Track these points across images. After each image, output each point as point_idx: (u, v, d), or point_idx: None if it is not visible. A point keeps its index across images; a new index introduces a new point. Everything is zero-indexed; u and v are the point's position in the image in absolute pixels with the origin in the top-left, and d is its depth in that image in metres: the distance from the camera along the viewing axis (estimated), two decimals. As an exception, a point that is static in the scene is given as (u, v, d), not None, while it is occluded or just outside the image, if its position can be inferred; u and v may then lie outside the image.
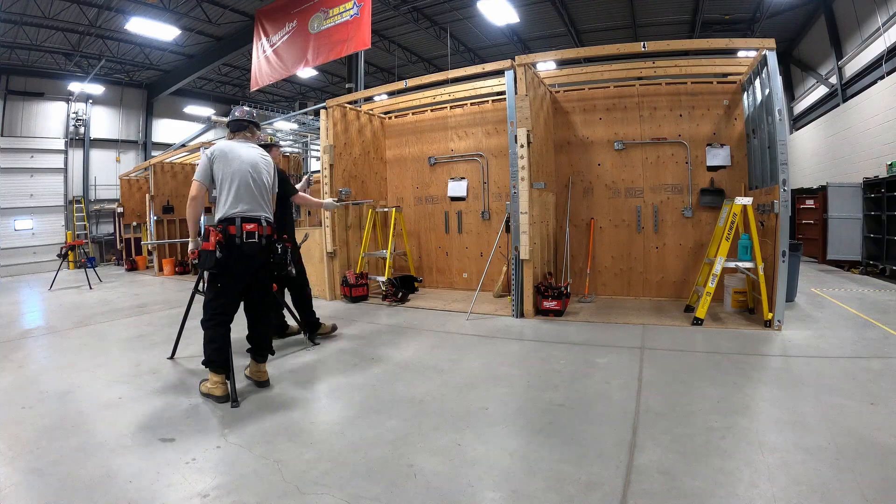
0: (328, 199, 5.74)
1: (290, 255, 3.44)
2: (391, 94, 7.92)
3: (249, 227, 3.18)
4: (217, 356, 3.19)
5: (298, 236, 5.22)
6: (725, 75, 5.90)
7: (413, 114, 7.60)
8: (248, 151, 3.36)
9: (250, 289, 3.37)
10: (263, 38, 10.83)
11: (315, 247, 7.01)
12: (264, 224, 3.28)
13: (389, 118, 7.85)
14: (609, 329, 4.77)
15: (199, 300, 3.95)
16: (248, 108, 3.53)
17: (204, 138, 16.15)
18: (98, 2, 10.91)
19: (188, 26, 12.37)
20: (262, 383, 3.43)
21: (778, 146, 4.36)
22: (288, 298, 4.80)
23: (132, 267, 12.23)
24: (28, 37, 11.84)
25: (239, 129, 3.48)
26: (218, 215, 3.22)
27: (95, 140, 15.29)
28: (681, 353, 3.95)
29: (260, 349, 3.46)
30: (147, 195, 11.52)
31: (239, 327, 3.40)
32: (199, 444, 2.57)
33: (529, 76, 5.26)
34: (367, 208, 7.14)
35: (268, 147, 4.16)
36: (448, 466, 2.29)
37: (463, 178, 7.15)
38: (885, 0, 8.92)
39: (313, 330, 4.71)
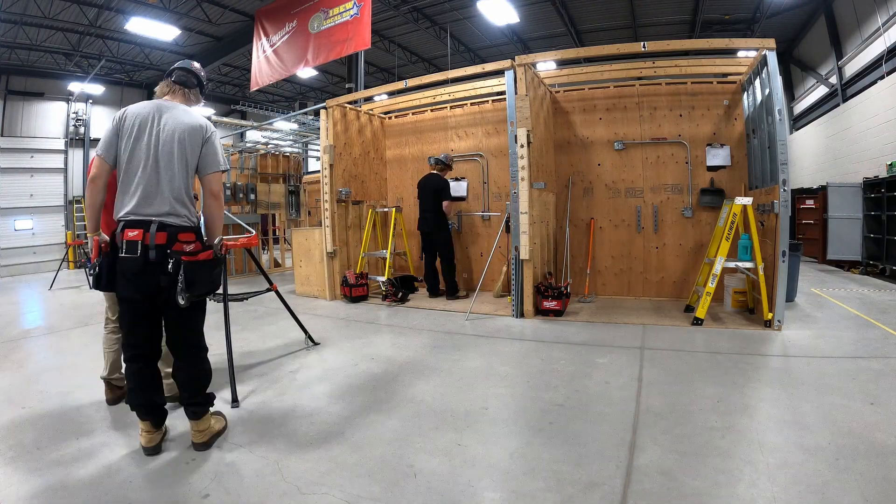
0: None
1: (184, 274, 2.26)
2: (391, 94, 7.92)
3: (132, 234, 2.27)
4: (132, 399, 2.41)
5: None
6: (725, 75, 5.90)
7: (413, 114, 7.60)
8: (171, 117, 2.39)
9: (162, 314, 2.43)
10: (263, 38, 10.83)
11: (315, 247, 7.02)
12: (153, 230, 2.27)
13: (389, 118, 7.85)
14: (609, 329, 4.77)
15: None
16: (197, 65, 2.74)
17: (204, 138, 16.10)
18: (98, 2, 10.91)
19: (188, 26, 12.37)
20: (196, 445, 2.47)
21: (778, 146, 4.36)
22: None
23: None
24: (28, 37, 11.84)
25: (181, 83, 2.59)
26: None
27: (95, 140, 15.27)
28: (681, 353, 3.95)
29: (189, 397, 2.46)
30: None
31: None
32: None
33: (529, 76, 5.26)
34: (367, 208, 7.14)
35: None
36: (448, 466, 2.29)
37: (463, 178, 7.15)
38: (885, 0, 8.92)
39: (453, 292, 6.36)
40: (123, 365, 2.48)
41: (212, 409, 2.61)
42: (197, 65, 2.73)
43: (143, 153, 2.33)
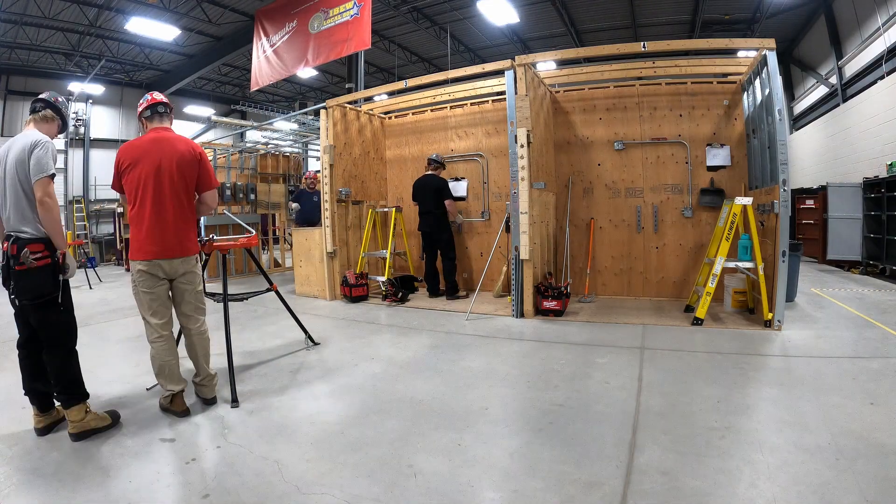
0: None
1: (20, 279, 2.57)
2: (391, 94, 7.92)
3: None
4: (23, 385, 2.76)
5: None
6: (725, 75, 5.90)
7: (413, 114, 7.60)
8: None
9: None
10: (263, 38, 10.83)
11: (315, 247, 7.02)
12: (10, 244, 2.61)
13: (389, 118, 7.85)
14: (609, 329, 4.77)
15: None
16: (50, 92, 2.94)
17: (204, 138, 16.15)
18: (98, 2, 10.92)
19: (188, 26, 12.37)
20: (70, 435, 2.63)
21: (778, 146, 4.36)
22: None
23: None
24: (28, 37, 11.85)
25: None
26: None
27: (95, 140, 15.30)
28: (681, 353, 3.95)
29: (54, 387, 2.69)
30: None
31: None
32: (199, 444, 2.57)
33: (529, 76, 5.26)
34: (366, 208, 7.14)
35: None
36: (448, 466, 2.29)
37: (463, 178, 7.15)
38: (885, 0, 8.92)
39: (453, 292, 6.37)
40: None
41: (88, 408, 2.76)
42: (47, 94, 2.92)
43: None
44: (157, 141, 3.00)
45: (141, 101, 3.13)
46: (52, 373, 2.70)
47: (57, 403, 2.78)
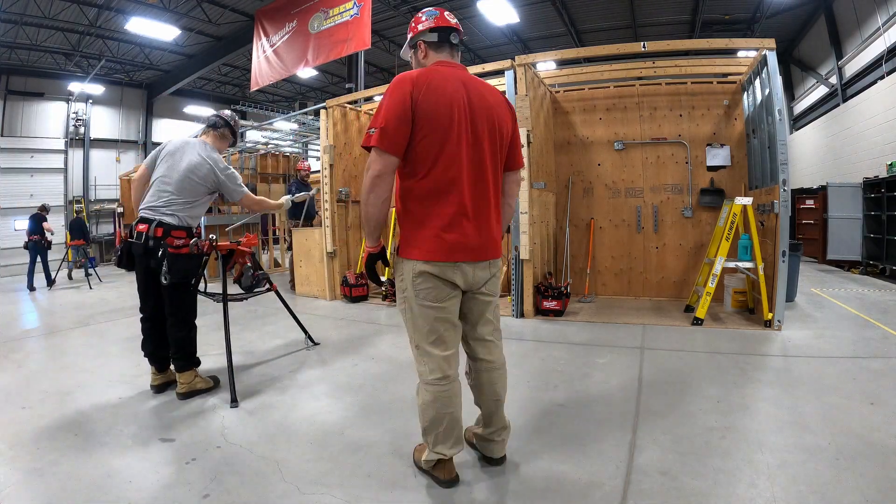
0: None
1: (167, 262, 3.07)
2: (391, 94, 7.90)
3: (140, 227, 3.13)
4: (144, 348, 3.33)
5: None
6: (725, 75, 5.90)
7: (413, 114, 7.58)
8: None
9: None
10: (263, 38, 10.84)
11: (315, 247, 7.01)
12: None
13: (389, 118, 7.83)
14: (609, 329, 4.77)
15: (200, 300, 3.95)
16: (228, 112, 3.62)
17: (204, 138, 16.13)
18: (98, 2, 10.92)
19: (188, 26, 12.37)
20: (178, 395, 3.18)
21: (778, 146, 4.36)
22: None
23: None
24: (28, 37, 11.85)
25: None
26: None
27: (95, 140, 15.30)
28: (681, 353, 3.95)
29: (173, 353, 3.24)
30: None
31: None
32: (199, 444, 2.56)
33: (529, 76, 5.26)
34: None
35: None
36: (448, 466, 2.28)
37: (463, 178, 7.14)
38: (885, 0, 8.92)
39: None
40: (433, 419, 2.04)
41: (200, 373, 3.32)
42: (227, 112, 3.59)
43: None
44: (467, 84, 2.03)
45: (421, 17, 2.16)
46: (174, 342, 3.17)
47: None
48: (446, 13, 2.16)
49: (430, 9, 2.17)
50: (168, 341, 3.22)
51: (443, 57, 2.12)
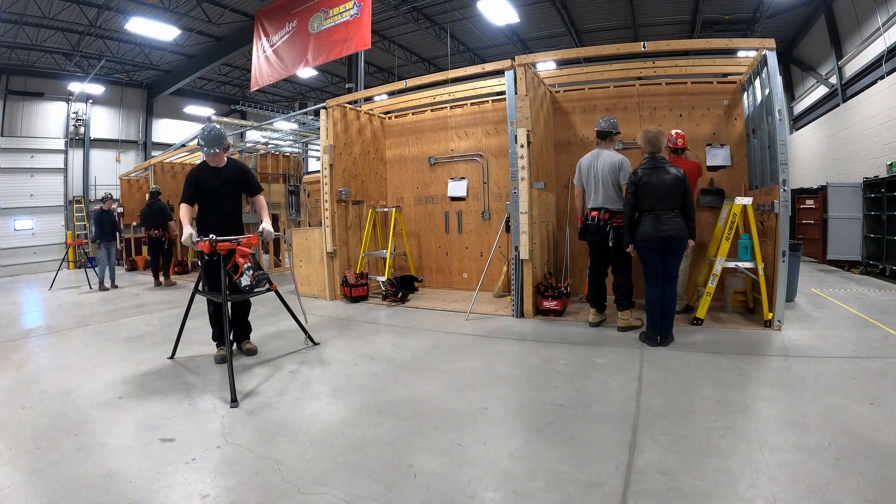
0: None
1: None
2: (391, 94, 7.92)
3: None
4: (589, 297, 4.87)
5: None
6: (725, 75, 5.90)
7: (413, 114, 7.60)
8: None
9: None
10: (263, 38, 10.84)
11: (315, 247, 7.01)
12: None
13: (389, 118, 7.85)
14: (609, 329, 4.77)
15: (200, 300, 3.96)
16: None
17: (204, 138, 16.12)
18: (98, 2, 10.92)
19: (188, 26, 12.37)
20: (619, 328, 4.57)
21: (778, 146, 4.36)
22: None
23: (132, 267, 12.23)
24: (28, 37, 11.85)
25: None
26: None
27: (95, 140, 15.31)
28: (681, 353, 3.95)
29: (616, 297, 4.64)
30: (147, 195, 11.51)
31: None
32: (199, 444, 2.57)
33: (529, 76, 5.26)
34: (366, 208, 7.14)
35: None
36: (448, 466, 2.29)
37: (463, 178, 7.15)
38: (885, 0, 8.92)
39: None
40: None
41: (632, 315, 4.60)
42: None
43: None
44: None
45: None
46: (618, 289, 4.56)
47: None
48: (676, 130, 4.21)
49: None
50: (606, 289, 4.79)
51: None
